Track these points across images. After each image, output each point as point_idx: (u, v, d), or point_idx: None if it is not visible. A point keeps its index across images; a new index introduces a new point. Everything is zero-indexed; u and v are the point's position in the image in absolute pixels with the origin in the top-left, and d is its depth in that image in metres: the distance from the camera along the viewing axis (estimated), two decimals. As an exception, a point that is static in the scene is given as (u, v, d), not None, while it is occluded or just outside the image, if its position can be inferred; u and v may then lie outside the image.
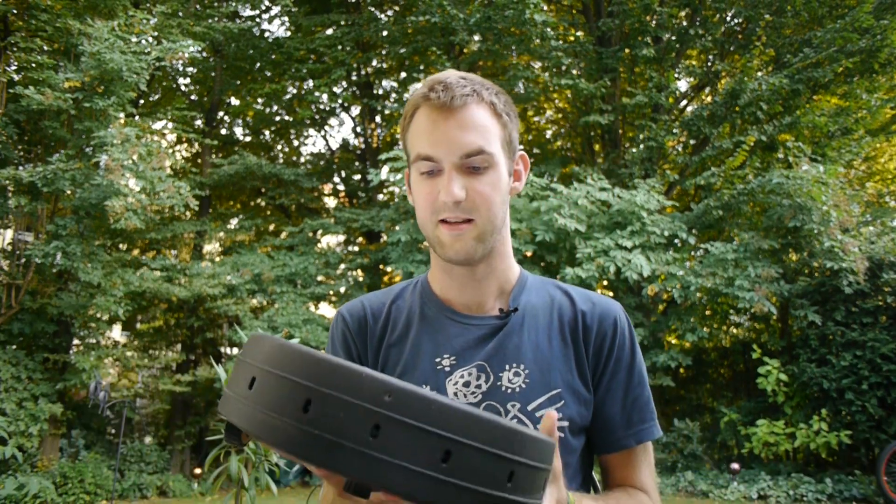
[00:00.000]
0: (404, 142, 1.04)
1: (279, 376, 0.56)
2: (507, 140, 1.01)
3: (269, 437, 0.55)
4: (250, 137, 14.38)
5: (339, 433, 0.52)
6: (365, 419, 0.52)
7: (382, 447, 0.52)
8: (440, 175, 0.96)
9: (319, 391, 0.53)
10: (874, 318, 8.15)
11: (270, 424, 0.55)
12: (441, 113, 0.94)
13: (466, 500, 0.54)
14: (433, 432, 0.53)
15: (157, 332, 11.81)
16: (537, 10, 9.80)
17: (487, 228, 0.97)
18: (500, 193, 0.98)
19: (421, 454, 0.52)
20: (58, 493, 7.64)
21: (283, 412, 0.54)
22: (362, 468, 0.52)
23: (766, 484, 7.94)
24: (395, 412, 0.52)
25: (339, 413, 0.52)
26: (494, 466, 0.55)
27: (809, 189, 8.26)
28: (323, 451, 0.52)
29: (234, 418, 0.59)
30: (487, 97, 0.98)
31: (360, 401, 0.52)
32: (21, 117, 8.48)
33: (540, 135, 14.63)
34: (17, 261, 8.72)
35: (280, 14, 12.65)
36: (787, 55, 10.62)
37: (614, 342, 1.02)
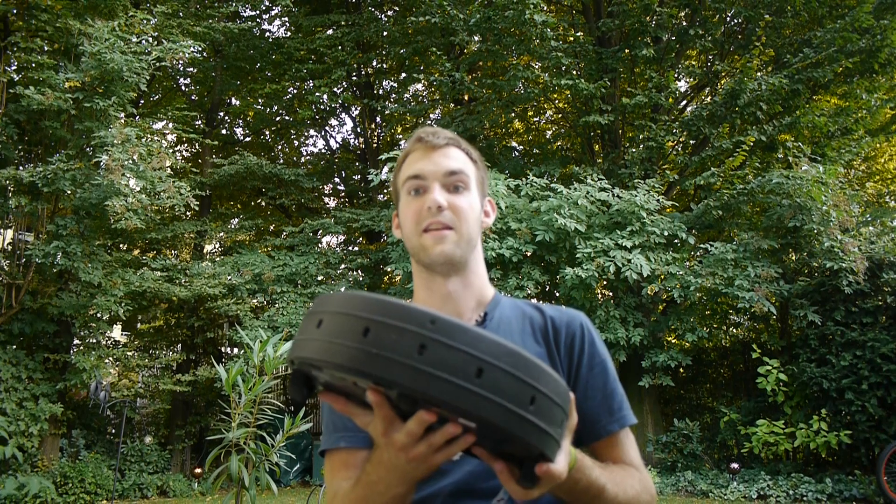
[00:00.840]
0: (395, 184, 1.19)
1: (342, 313, 0.67)
2: (480, 180, 1.19)
3: (335, 358, 0.65)
4: (250, 137, 14.39)
5: (392, 350, 0.62)
6: (413, 340, 0.63)
7: (428, 362, 0.62)
8: (426, 194, 1.11)
9: (375, 320, 0.64)
10: (874, 318, 8.15)
11: (336, 348, 0.65)
12: (429, 148, 1.14)
13: (496, 413, 0.63)
14: (468, 352, 0.63)
15: (158, 332, 11.82)
16: (537, 10, 9.80)
17: (464, 236, 1.11)
18: (475, 214, 1.14)
19: (459, 369, 0.63)
20: (58, 493, 7.65)
21: (347, 338, 0.65)
22: (412, 379, 0.62)
23: (765, 484, 7.94)
24: (437, 334, 0.63)
25: (393, 335, 0.63)
26: (519, 387, 0.65)
27: (809, 189, 8.26)
28: (380, 365, 0.62)
29: (304, 353, 0.69)
30: (464, 146, 1.18)
31: (409, 325, 0.63)
32: (21, 117, 8.49)
33: (540, 135, 14.64)
34: (18, 261, 8.73)
35: (280, 14, 12.68)
36: (787, 55, 10.62)
37: (584, 341, 1.15)
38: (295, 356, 0.71)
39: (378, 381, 0.63)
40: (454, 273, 1.13)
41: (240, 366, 4.20)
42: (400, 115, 13.95)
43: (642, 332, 8.83)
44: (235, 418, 3.99)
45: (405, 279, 9.84)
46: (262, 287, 10.20)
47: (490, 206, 1.26)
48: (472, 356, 0.63)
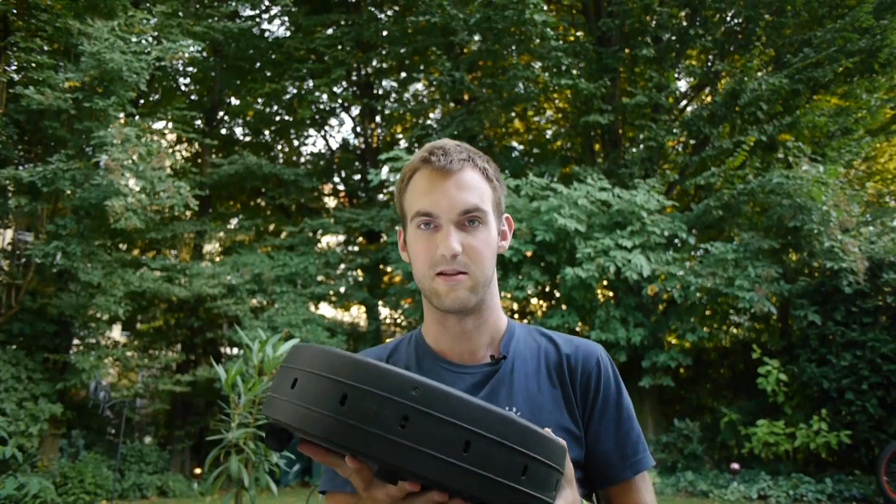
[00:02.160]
0: (400, 202, 1.11)
1: (319, 375, 0.63)
2: (497, 202, 1.10)
3: (310, 428, 0.62)
4: (250, 137, 14.37)
5: (372, 423, 0.59)
6: (394, 411, 0.59)
7: (410, 436, 0.59)
8: (438, 230, 1.03)
9: (355, 387, 0.60)
10: (874, 318, 8.15)
11: (311, 417, 0.61)
12: (440, 174, 1.03)
13: (485, 488, 0.60)
14: (455, 423, 0.60)
15: (157, 332, 11.81)
16: (537, 10, 9.80)
17: (480, 280, 1.04)
18: (491, 250, 1.06)
19: (444, 443, 0.59)
20: (58, 493, 7.64)
21: (322, 406, 0.61)
22: (393, 454, 0.58)
23: (766, 484, 7.94)
24: (421, 405, 0.59)
25: (373, 405, 0.59)
26: (510, 459, 0.62)
27: (809, 189, 8.26)
28: (358, 439, 0.59)
29: (278, 415, 0.66)
30: (480, 164, 1.07)
31: (390, 394, 0.60)
32: (21, 117, 8.48)
33: (540, 135, 14.63)
34: (17, 261, 8.72)
35: (280, 14, 12.66)
36: (787, 55, 10.62)
37: (599, 381, 1.09)
38: (269, 415, 0.68)
39: (356, 454, 0.61)
40: (469, 314, 1.08)
41: (239, 366, 4.20)
42: (400, 114, 13.94)
43: (642, 333, 8.83)
44: (235, 419, 3.99)
45: (405, 279, 9.83)
46: (262, 287, 10.19)
47: (507, 225, 1.18)
48: (460, 427, 0.60)
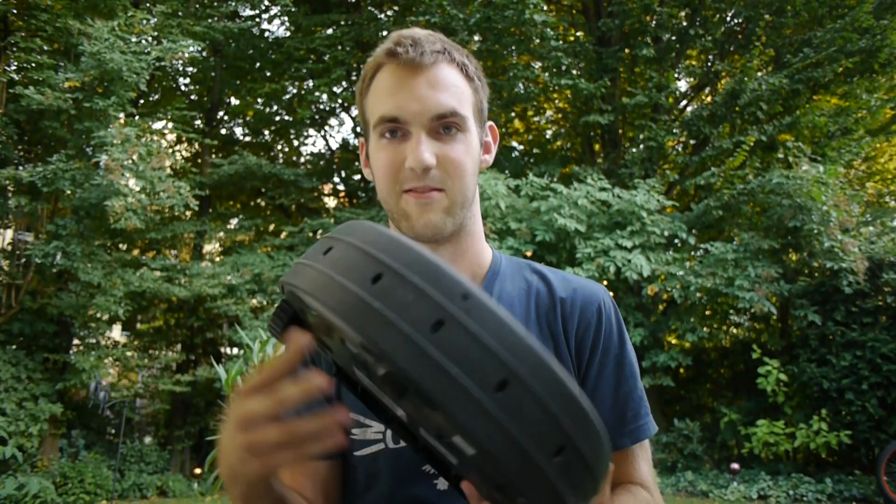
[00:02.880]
0: (361, 107, 0.92)
1: (355, 246, 0.52)
2: (479, 107, 0.92)
3: (325, 298, 0.50)
4: (250, 137, 14.37)
5: (400, 313, 0.47)
6: (430, 310, 0.47)
7: (440, 344, 0.46)
8: (406, 139, 0.85)
9: (393, 269, 0.49)
10: (874, 318, 8.15)
11: (332, 287, 0.50)
12: (409, 70, 0.84)
13: (507, 450, 0.46)
14: (496, 352, 0.46)
15: (157, 332, 11.80)
16: (537, 10, 9.80)
17: (458, 200, 0.87)
18: (471, 163, 0.88)
19: (477, 370, 0.45)
20: (58, 493, 7.64)
21: (350, 278, 0.50)
22: (411, 358, 0.46)
23: (766, 484, 7.94)
24: (465, 314, 0.46)
25: (408, 295, 0.47)
26: (547, 423, 0.47)
27: (809, 189, 8.26)
28: (375, 326, 0.47)
29: (295, 279, 0.55)
30: (458, 58, 0.89)
31: (432, 290, 0.47)
32: (21, 117, 8.48)
33: (540, 135, 14.63)
34: (17, 261, 8.72)
35: (280, 14, 12.65)
36: (787, 55, 10.62)
37: (599, 332, 0.91)
38: (285, 281, 0.58)
39: (367, 344, 0.47)
40: (445, 241, 0.90)
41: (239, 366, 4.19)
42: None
43: (642, 333, 8.82)
44: (235, 419, 3.98)
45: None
46: (262, 287, 10.19)
47: (491, 135, 1.00)
48: (499, 359, 0.46)
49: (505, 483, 0.49)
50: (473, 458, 0.50)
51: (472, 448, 0.48)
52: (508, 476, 0.47)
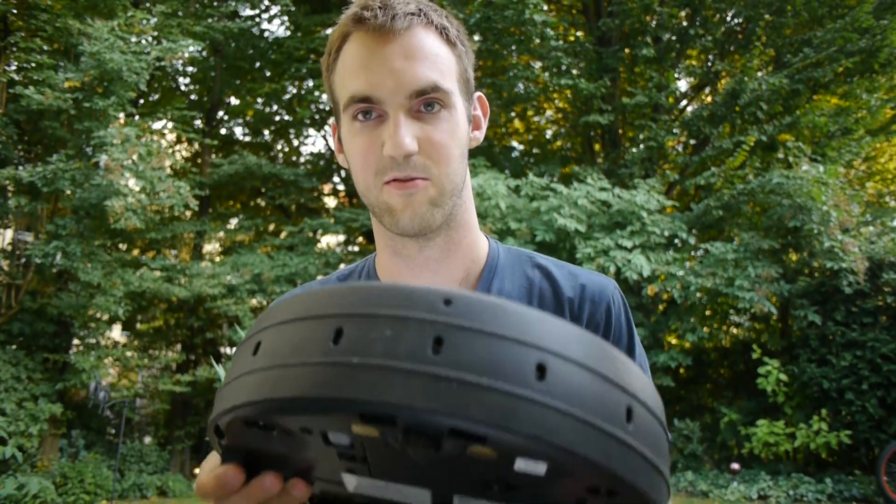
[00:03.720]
0: (330, 86, 0.81)
1: (291, 322, 0.41)
2: (464, 77, 0.80)
3: (284, 392, 0.38)
4: (250, 137, 14.38)
5: (386, 354, 0.36)
6: (420, 333, 0.37)
7: (451, 363, 0.36)
8: (382, 121, 0.74)
9: (351, 315, 0.39)
10: (874, 318, 8.15)
11: (285, 377, 0.38)
12: (380, 38, 0.73)
13: (578, 435, 0.36)
14: (518, 339, 0.37)
15: (157, 332, 11.81)
16: (537, 10, 9.80)
17: (446, 188, 0.76)
18: (460, 144, 0.77)
19: (507, 369, 0.36)
20: (58, 493, 7.64)
21: (303, 355, 0.38)
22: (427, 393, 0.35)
23: (766, 484, 7.94)
24: (460, 321, 0.37)
25: (385, 330, 0.37)
26: (606, 391, 0.39)
27: (809, 189, 8.26)
28: (365, 383, 0.36)
29: (228, 402, 0.42)
30: (437, 20, 0.76)
31: (408, 311, 0.38)
32: (21, 117, 8.48)
33: (540, 135, 14.63)
34: (17, 261, 8.72)
35: (280, 13, 12.65)
36: (787, 55, 10.62)
37: (608, 335, 0.83)
38: (221, 413, 0.43)
39: (369, 408, 0.36)
40: (434, 236, 0.80)
41: (239, 366, 4.19)
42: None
43: (643, 333, 8.83)
44: (235, 419, 3.98)
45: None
46: (262, 287, 10.19)
47: (481, 108, 0.88)
48: (526, 345, 0.37)
49: (592, 480, 0.39)
50: (547, 478, 0.39)
51: (542, 460, 0.37)
52: (595, 467, 0.37)
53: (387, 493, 0.48)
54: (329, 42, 0.80)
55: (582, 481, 0.40)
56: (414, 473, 0.44)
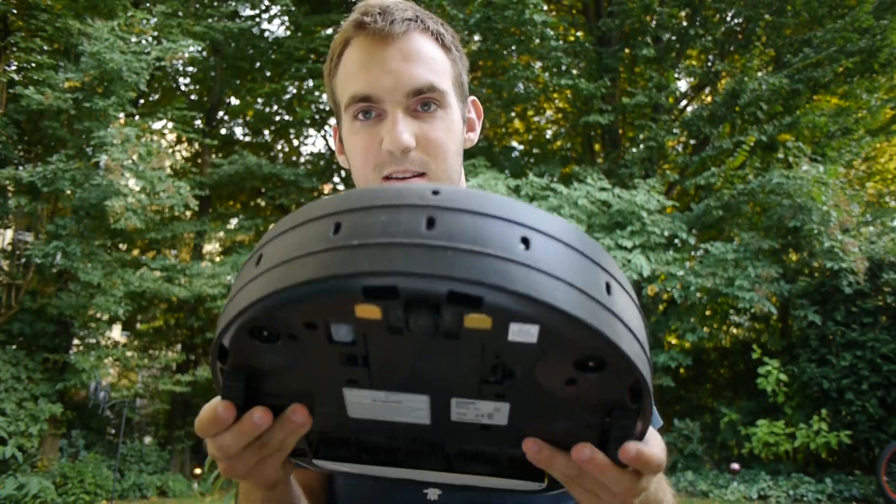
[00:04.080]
0: (331, 89, 0.85)
1: (293, 228, 0.43)
2: (458, 80, 0.84)
3: (292, 280, 0.40)
4: (250, 137, 14.38)
5: (385, 232, 0.39)
6: (414, 215, 0.40)
7: (445, 236, 0.39)
8: (382, 120, 0.78)
9: (350, 211, 0.42)
10: (874, 318, 8.15)
11: (290, 270, 0.41)
12: (379, 42, 0.77)
13: (565, 295, 0.39)
14: (503, 218, 0.40)
15: (157, 332, 11.81)
16: (537, 10, 9.80)
17: (444, 183, 0.79)
18: (455, 142, 0.81)
19: (495, 239, 0.39)
20: (58, 493, 7.64)
21: (307, 248, 0.41)
22: (425, 261, 0.38)
23: (766, 484, 7.94)
24: (449, 204, 0.40)
25: (381, 217, 0.40)
26: (586, 269, 0.41)
27: (809, 189, 8.26)
28: (368, 257, 0.39)
29: (235, 309, 0.44)
30: (433, 26, 0.81)
31: (401, 200, 0.41)
32: (21, 117, 8.48)
33: (540, 135, 14.63)
34: (17, 261, 8.72)
35: (280, 14, 12.66)
36: (787, 55, 10.62)
37: None
38: (221, 333, 0.46)
39: (372, 281, 0.38)
40: None
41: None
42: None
43: (642, 333, 8.82)
44: (235, 419, 3.98)
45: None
46: (262, 287, 10.19)
47: (474, 111, 0.92)
48: (508, 222, 0.40)
49: (580, 348, 0.42)
50: (540, 342, 0.41)
51: (533, 323, 0.40)
52: (584, 326, 0.39)
53: (385, 414, 0.50)
54: (331, 48, 0.84)
55: (570, 351, 0.42)
56: (412, 379, 0.47)
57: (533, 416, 0.49)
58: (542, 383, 0.45)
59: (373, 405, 0.50)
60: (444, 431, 0.52)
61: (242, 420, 0.49)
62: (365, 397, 0.49)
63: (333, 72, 0.83)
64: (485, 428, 0.51)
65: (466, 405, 0.49)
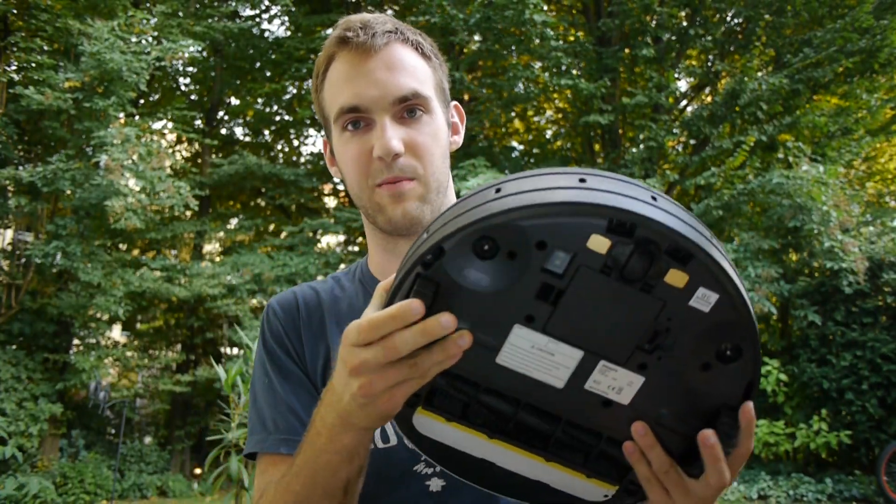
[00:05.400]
0: (320, 104, 0.89)
1: (535, 176, 0.52)
2: (440, 86, 0.88)
3: (556, 198, 0.48)
4: (250, 137, 14.38)
5: (625, 189, 0.50)
6: (645, 189, 0.51)
7: (664, 208, 0.49)
8: (371, 128, 0.82)
9: (590, 172, 0.52)
10: (874, 318, 8.15)
11: (538, 197, 0.49)
12: (362, 55, 0.81)
13: (743, 285, 0.51)
14: (638, 185, 0.51)
15: (157, 332, 11.81)
16: (537, 10, 9.80)
17: (432, 186, 0.83)
18: (441, 145, 0.86)
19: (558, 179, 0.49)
20: (58, 493, 7.64)
21: (554, 184, 0.50)
22: (670, 218, 0.48)
23: (766, 484, 7.94)
24: (662, 198, 0.51)
25: (617, 184, 0.51)
26: (693, 222, 0.51)
27: (809, 189, 8.26)
28: (615, 199, 0.48)
29: (469, 219, 0.49)
30: (412, 37, 0.86)
31: (629, 182, 0.52)
32: (21, 117, 8.48)
33: (540, 135, 14.64)
34: (17, 261, 8.73)
35: (280, 14, 12.66)
36: (787, 55, 10.62)
37: None
38: (450, 231, 0.50)
39: (627, 216, 0.47)
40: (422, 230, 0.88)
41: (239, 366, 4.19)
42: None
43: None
44: (235, 419, 3.99)
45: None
46: (262, 287, 10.19)
47: (457, 115, 0.95)
48: (642, 188, 0.51)
49: (733, 336, 0.51)
50: (710, 314, 0.50)
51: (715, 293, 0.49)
52: (739, 317, 0.50)
53: (531, 366, 0.55)
54: (316, 66, 0.88)
55: (724, 335, 0.51)
56: (578, 332, 0.53)
57: (652, 401, 0.55)
58: (679, 364, 0.53)
59: (527, 353, 0.54)
60: (568, 401, 0.57)
61: (428, 320, 0.50)
62: (527, 340, 0.53)
63: (320, 87, 0.87)
64: (606, 404, 0.56)
65: (607, 371, 0.54)
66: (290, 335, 0.90)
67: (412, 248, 0.55)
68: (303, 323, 0.91)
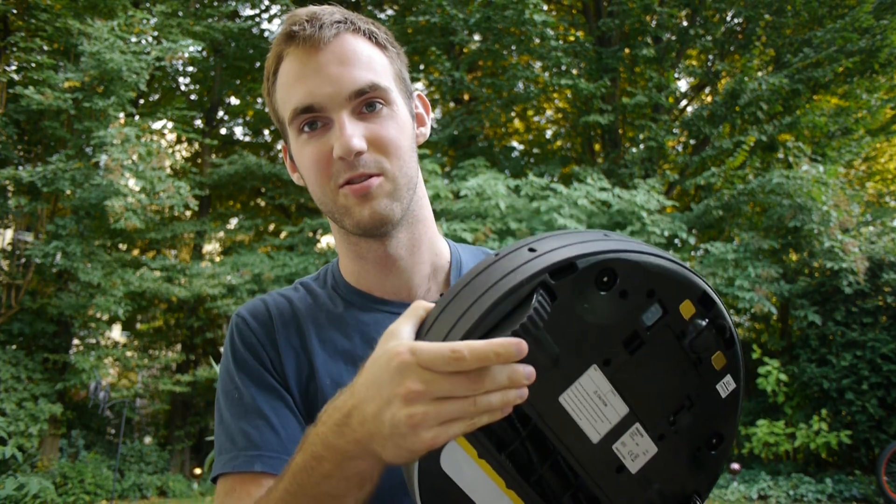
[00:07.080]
0: (273, 107, 0.82)
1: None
2: (399, 76, 0.82)
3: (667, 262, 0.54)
4: (250, 137, 14.38)
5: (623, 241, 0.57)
6: None
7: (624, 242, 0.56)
8: (329, 128, 0.76)
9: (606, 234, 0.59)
10: (874, 318, 8.14)
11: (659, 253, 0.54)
12: (312, 50, 0.75)
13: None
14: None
15: (157, 332, 11.80)
16: (537, 10, 9.80)
17: (401, 181, 0.78)
18: (407, 138, 0.80)
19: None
20: (58, 493, 7.64)
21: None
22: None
23: (766, 484, 7.93)
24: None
25: None
26: None
27: (809, 189, 8.26)
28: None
29: (608, 246, 0.55)
30: (364, 27, 0.79)
31: None
32: (21, 117, 8.48)
33: (540, 135, 14.63)
34: (17, 261, 8.72)
35: (280, 14, 12.65)
36: (787, 55, 10.62)
37: None
38: (587, 251, 0.52)
39: (715, 295, 0.55)
40: (394, 231, 0.80)
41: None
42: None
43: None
44: (235, 419, 3.98)
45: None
46: (262, 287, 10.19)
47: (422, 106, 0.89)
48: None
49: None
50: None
51: None
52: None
53: (584, 411, 0.54)
54: (266, 68, 0.81)
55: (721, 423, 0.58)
56: (633, 390, 0.54)
57: (653, 475, 0.56)
58: (684, 442, 0.56)
59: (587, 397, 0.53)
60: (594, 458, 0.56)
61: (517, 367, 0.48)
62: (594, 384, 0.54)
63: (271, 90, 0.81)
64: (619, 470, 0.56)
65: (636, 436, 0.55)
66: (266, 346, 0.82)
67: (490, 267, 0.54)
68: (278, 333, 0.83)
